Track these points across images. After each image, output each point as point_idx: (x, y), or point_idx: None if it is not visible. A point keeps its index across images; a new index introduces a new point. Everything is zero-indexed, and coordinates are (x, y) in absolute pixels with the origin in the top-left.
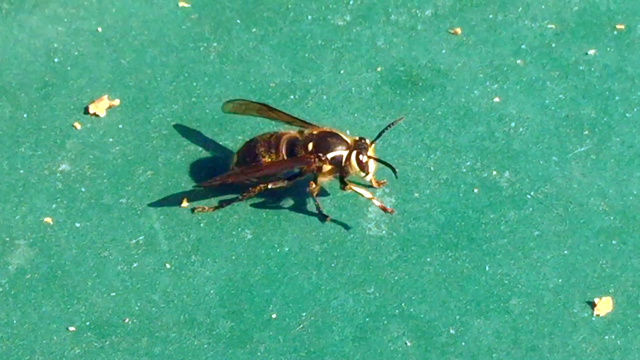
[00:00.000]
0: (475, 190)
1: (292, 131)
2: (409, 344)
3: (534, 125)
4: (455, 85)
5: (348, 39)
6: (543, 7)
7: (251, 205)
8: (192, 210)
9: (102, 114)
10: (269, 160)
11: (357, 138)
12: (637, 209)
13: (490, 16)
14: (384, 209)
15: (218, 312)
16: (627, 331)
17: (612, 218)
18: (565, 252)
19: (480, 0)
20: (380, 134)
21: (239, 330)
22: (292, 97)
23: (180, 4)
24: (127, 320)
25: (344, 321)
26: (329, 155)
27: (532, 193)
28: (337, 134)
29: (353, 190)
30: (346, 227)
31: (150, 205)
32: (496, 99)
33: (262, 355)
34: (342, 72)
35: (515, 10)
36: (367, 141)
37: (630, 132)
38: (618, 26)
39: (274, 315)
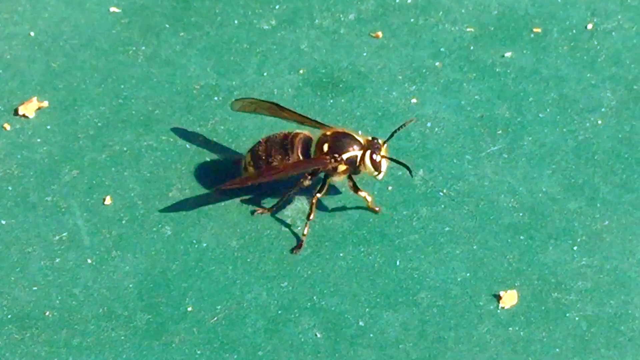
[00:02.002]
0: (390, 188)
1: (304, 131)
2: (319, 335)
3: (449, 125)
4: (374, 87)
5: (273, 43)
6: (463, 11)
7: (171, 202)
8: (252, 212)
9: (31, 115)
10: (284, 161)
11: (369, 138)
12: (545, 205)
13: (412, 20)
14: (374, 209)
15: (136, 306)
16: (531, 323)
17: (521, 214)
18: (474, 247)
19: (402, 5)
20: (392, 134)
21: (155, 323)
22: (216, 98)
23: (111, 9)
24: (47, 313)
25: (257, 314)
26: (344, 156)
27: (444, 190)
28: (351, 135)
29: (363, 196)
30: (263, 223)
31: (74, 203)
32: (414, 100)
33: (177, 347)
34: (265, 74)
35: (436, 14)
36: (380, 141)
37: (542, 132)
38: (535, 30)
39: (189, 308)
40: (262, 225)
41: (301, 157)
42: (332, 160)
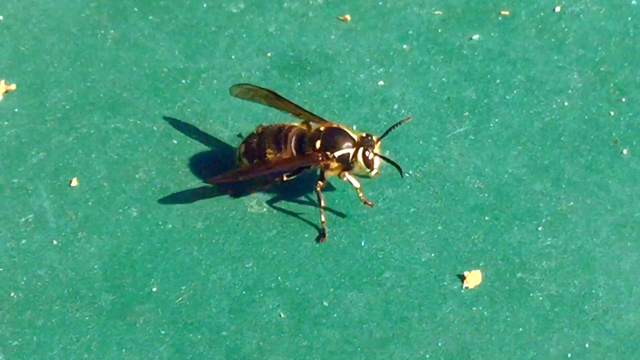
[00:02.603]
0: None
1: (298, 123)
2: (283, 315)
3: (416, 107)
4: (342, 70)
5: (241, 26)
6: None
7: (138, 184)
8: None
9: None
10: (278, 156)
11: (363, 135)
12: (511, 186)
13: (380, 3)
14: (366, 202)
15: (101, 286)
16: (494, 303)
17: (486, 195)
18: (439, 227)
19: None
20: (387, 132)
21: (120, 303)
22: (183, 81)
23: None
24: (12, 294)
25: (221, 294)
26: (337, 154)
27: (410, 172)
28: (344, 131)
29: (347, 179)
30: (228, 205)
31: (41, 185)
32: (381, 82)
33: (141, 327)
34: (233, 57)
35: None
36: (374, 138)
37: (509, 114)
38: (503, 12)
39: (154, 289)
40: (228, 207)
41: (294, 152)
42: (324, 157)
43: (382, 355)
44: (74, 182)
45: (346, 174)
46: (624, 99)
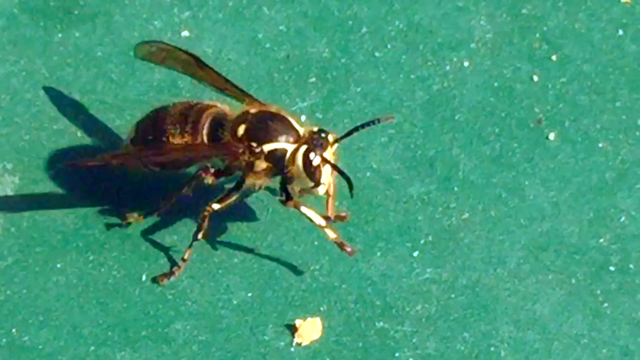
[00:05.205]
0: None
1: (222, 104)
2: None
3: (237, 69)
4: (126, 14)
5: None
6: None
7: None
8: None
9: None
10: (180, 142)
11: (314, 129)
12: (375, 189)
13: None
14: (342, 247)
15: None
16: None
17: (336, 204)
18: (261, 252)
19: None
20: (351, 132)
21: None
22: None
23: None
24: None
25: None
26: (266, 147)
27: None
28: (285, 118)
29: (300, 211)
30: None
31: None
32: (185, 33)
33: None
34: None
35: None
36: (329, 137)
37: (378, 79)
38: None
39: None
40: None
41: (206, 140)
42: (247, 150)
43: None
44: None
45: (301, 205)
46: (554, 57)
